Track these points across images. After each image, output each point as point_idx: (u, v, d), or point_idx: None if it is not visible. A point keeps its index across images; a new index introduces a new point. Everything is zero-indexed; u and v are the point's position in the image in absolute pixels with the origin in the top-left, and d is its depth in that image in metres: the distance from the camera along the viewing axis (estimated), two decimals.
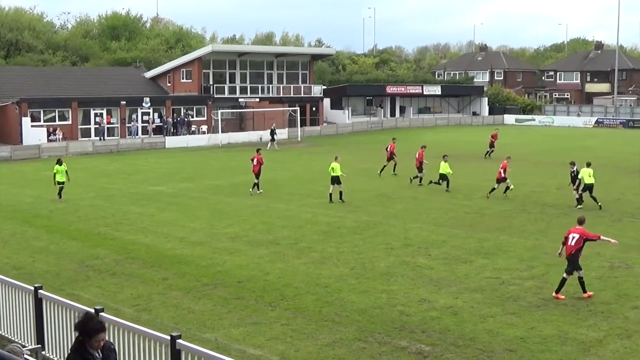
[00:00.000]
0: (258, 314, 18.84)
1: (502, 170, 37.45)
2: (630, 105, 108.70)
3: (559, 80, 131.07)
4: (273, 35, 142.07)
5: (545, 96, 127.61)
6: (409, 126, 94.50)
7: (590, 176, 34.64)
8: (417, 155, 42.41)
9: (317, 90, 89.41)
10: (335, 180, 36.10)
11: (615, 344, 16.72)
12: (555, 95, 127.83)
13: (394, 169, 46.24)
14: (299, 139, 75.88)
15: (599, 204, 34.29)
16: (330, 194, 36.22)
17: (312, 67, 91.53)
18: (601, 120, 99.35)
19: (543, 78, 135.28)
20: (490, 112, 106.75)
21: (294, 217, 32.19)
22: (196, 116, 79.62)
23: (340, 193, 36.20)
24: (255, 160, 39.72)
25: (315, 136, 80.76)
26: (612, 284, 21.52)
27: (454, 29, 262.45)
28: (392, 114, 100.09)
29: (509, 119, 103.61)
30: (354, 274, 22.74)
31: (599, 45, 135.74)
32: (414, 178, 42.25)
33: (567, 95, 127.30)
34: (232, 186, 41.97)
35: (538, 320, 18.21)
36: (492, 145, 57.58)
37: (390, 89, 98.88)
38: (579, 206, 34.36)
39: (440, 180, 39.73)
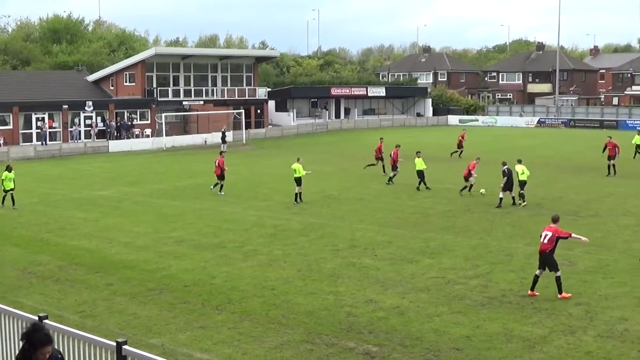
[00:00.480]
0: (204, 318, 18.74)
1: (469, 170, 38.44)
2: (572, 105, 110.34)
3: (502, 80, 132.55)
4: (217, 38, 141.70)
5: (488, 97, 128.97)
6: (354, 128, 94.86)
7: (522, 173, 35.48)
8: (391, 154, 42.90)
9: (261, 92, 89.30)
10: (297, 181, 36.59)
11: (560, 340, 16.95)
12: (498, 95, 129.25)
13: (384, 170, 46.38)
14: (244, 142, 75.70)
15: (525, 203, 34.88)
16: (296, 194, 36.72)
17: (256, 69, 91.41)
18: (543, 120, 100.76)
19: (486, 79, 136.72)
20: (434, 113, 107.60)
21: (240, 220, 32.10)
22: (140, 120, 78.97)
23: (299, 194, 36.67)
24: (217, 162, 39.98)
25: (261, 138, 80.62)
26: None
27: (397, 31, 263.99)
28: (337, 116, 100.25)
29: (453, 119, 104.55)
30: (301, 276, 22.74)
31: (540, 46, 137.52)
32: (390, 180, 42.44)
33: (510, 95, 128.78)
34: (177, 190, 41.70)
35: (484, 319, 18.38)
36: (460, 146, 58.56)
37: (335, 91, 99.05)
38: (520, 203, 34.92)
39: (419, 179, 40.49)
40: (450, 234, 28.93)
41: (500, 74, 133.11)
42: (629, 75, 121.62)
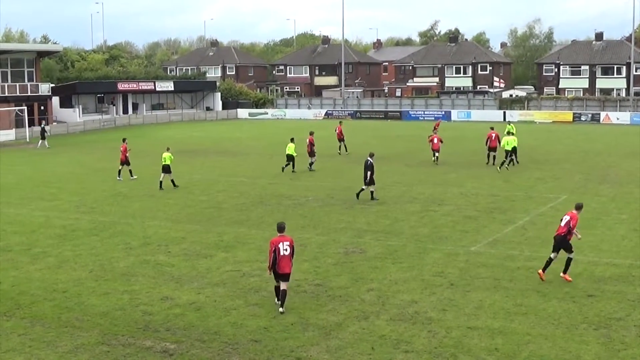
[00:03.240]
0: None
1: (435, 141, 46.80)
2: (357, 97, 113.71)
3: (289, 74, 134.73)
4: None
5: (276, 90, 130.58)
6: (143, 123, 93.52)
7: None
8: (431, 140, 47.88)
9: (44, 88, 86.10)
10: (166, 169, 38.55)
11: (354, 326, 17.43)
12: (286, 88, 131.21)
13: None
14: (28, 140, 72.76)
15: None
16: (161, 182, 38.54)
17: (38, 64, 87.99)
18: (330, 112, 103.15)
19: (274, 72, 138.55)
20: (224, 107, 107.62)
21: (26, 222, 30.82)
22: None
23: (172, 181, 38.72)
24: (122, 148, 42.44)
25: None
26: (348, 269, 22.41)
27: (184, 25, 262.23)
28: (125, 111, 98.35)
29: (243, 113, 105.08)
30: (93, 276, 22.18)
31: (325, 40, 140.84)
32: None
33: (298, 88, 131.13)
34: None
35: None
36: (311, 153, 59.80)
37: (122, 86, 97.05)
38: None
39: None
40: (244, 227, 29.07)
41: (288, 67, 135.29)
42: (410, 67, 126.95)
